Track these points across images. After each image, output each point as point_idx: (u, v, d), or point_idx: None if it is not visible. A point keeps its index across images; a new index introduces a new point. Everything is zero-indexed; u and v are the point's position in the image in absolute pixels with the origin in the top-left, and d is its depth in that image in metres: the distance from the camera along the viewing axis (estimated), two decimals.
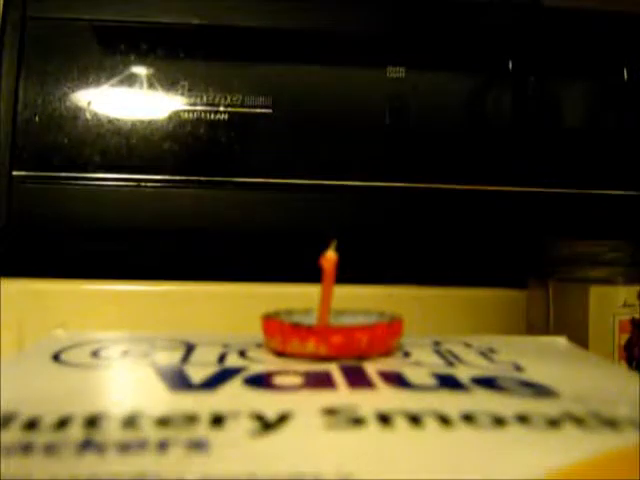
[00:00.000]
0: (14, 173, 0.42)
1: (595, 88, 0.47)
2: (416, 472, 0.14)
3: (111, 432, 0.15)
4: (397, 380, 0.20)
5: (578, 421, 0.17)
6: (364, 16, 0.46)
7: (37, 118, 0.42)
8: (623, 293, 0.36)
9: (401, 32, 0.46)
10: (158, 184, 0.43)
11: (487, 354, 0.24)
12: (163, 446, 0.14)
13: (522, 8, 0.49)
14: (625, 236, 0.38)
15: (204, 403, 0.18)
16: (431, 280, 0.44)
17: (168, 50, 0.44)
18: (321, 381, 0.20)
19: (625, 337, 0.36)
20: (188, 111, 0.43)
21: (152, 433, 0.15)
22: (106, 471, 0.13)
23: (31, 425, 0.16)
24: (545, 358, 0.24)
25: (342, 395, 0.19)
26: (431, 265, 0.45)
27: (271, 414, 0.17)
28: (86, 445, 0.14)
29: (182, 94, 0.44)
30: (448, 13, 0.47)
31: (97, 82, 0.43)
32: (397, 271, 0.44)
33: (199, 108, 0.43)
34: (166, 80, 0.44)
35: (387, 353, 0.24)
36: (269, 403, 0.18)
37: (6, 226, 0.42)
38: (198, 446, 0.15)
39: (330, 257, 0.23)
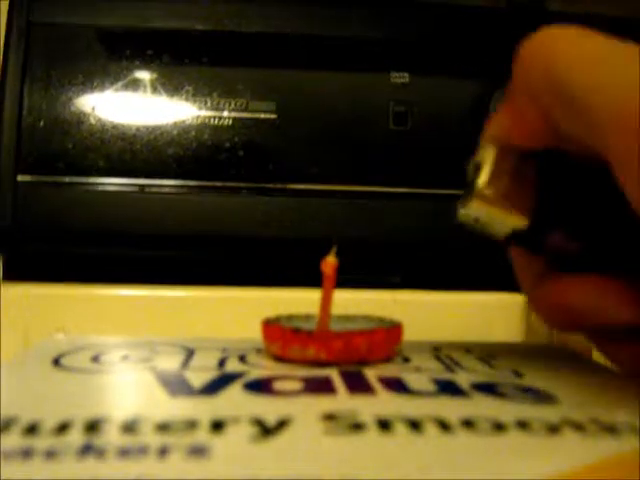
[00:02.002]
0: (18, 178, 0.42)
1: None
2: (416, 478, 0.14)
3: (111, 437, 0.15)
4: (397, 385, 0.20)
5: (578, 427, 0.17)
6: (368, 21, 0.46)
7: (41, 123, 0.42)
8: None
9: (405, 37, 0.46)
10: (162, 189, 0.43)
11: (487, 360, 0.24)
12: (163, 451, 0.15)
13: (526, 13, 0.49)
14: None
15: (204, 408, 0.18)
16: (431, 285, 0.44)
17: (172, 55, 0.44)
18: (321, 386, 0.20)
19: None
20: (192, 116, 0.43)
21: (152, 438, 0.15)
22: (106, 476, 0.14)
23: (31, 429, 0.16)
24: (545, 364, 0.24)
25: (342, 400, 0.19)
26: (431, 269, 0.45)
27: (271, 419, 0.17)
28: (86, 450, 0.15)
29: (186, 99, 0.44)
30: (452, 18, 0.47)
31: (101, 87, 0.43)
32: (397, 276, 0.44)
33: (203, 113, 0.44)
34: (170, 85, 0.44)
35: (387, 358, 0.24)
36: (269, 408, 0.18)
37: (10, 231, 0.42)
38: (198, 451, 0.15)
39: (330, 262, 0.23)
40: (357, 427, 0.16)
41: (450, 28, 0.47)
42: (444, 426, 0.16)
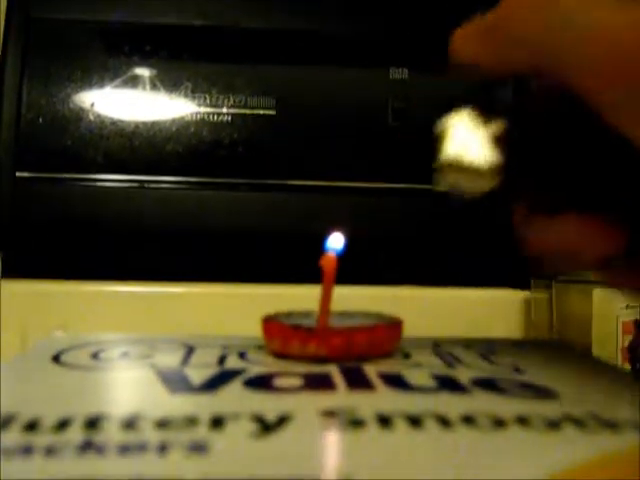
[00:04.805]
0: (18, 174, 0.42)
1: None
2: (416, 473, 0.14)
3: (111, 434, 0.15)
4: (397, 382, 0.20)
5: (578, 423, 0.17)
6: (367, 18, 0.46)
7: (41, 119, 0.42)
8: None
9: (404, 33, 0.46)
10: (161, 185, 0.43)
11: (487, 356, 0.24)
12: (163, 448, 0.14)
13: None
14: None
15: (204, 405, 0.18)
16: (432, 281, 0.44)
17: (171, 51, 0.44)
18: (321, 383, 0.20)
19: (628, 338, 0.36)
20: (191, 112, 0.43)
21: (152, 435, 0.15)
22: (106, 473, 0.14)
23: (31, 426, 0.16)
24: (545, 360, 0.24)
25: (342, 397, 0.19)
26: (433, 266, 0.45)
27: (271, 416, 0.17)
28: (86, 446, 0.15)
29: (185, 95, 0.44)
30: (451, 14, 0.47)
31: (100, 83, 0.43)
32: (397, 272, 0.44)
33: (202, 109, 0.43)
34: (169, 81, 0.44)
35: (387, 355, 0.24)
36: (269, 405, 0.18)
37: (9, 227, 0.42)
38: (198, 448, 0.15)
39: (330, 258, 0.23)
40: (357, 423, 0.16)
41: (448, 24, 0.47)
42: (444, 422, 0.16)
